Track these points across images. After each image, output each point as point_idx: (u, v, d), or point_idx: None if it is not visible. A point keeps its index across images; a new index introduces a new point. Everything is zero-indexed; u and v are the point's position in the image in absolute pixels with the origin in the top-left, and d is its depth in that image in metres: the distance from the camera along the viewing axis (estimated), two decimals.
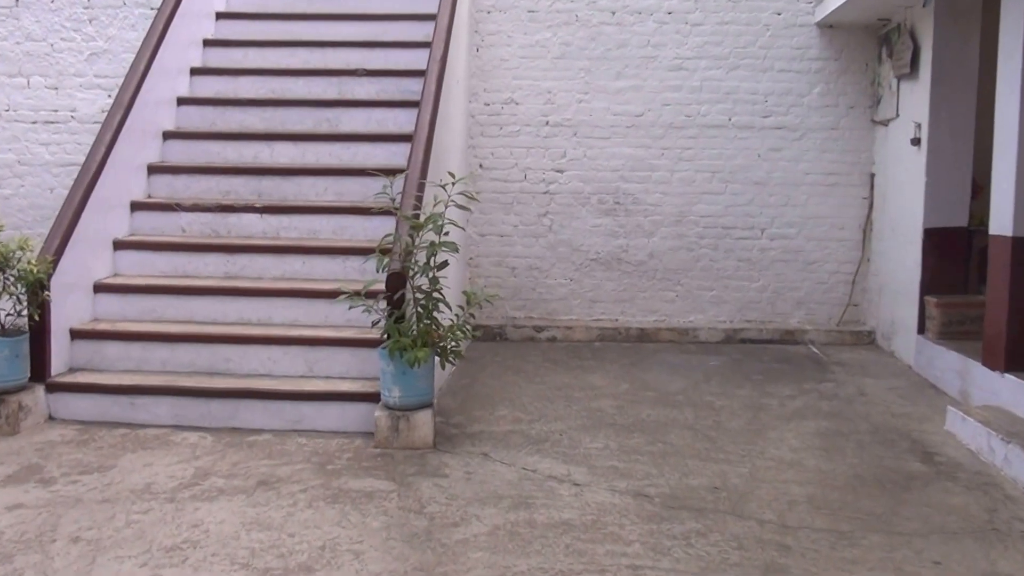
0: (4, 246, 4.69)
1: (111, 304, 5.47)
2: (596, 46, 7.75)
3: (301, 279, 5.64)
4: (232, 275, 5.69)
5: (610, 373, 6.45)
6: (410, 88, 6.84)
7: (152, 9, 7.63)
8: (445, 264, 4.74)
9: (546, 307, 7.85)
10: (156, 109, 6.33)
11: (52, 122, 7.74)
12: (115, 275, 5.70)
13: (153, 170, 6.25)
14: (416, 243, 4.74)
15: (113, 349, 5.21)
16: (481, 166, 7.81)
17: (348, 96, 6.85)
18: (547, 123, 7.81)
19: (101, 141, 5.62)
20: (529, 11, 7.75)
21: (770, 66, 7.74)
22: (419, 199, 5.06)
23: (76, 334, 5.21)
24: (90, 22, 7.73)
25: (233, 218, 5.97)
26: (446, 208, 4.71)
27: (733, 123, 7.77)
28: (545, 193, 7.83)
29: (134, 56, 6.94)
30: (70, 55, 7.73)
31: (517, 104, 7.80)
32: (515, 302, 7.83)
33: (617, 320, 7.81)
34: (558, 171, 7.82)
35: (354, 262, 5.61)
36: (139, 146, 6.09)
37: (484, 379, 6.18)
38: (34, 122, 7.74)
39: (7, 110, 7.74)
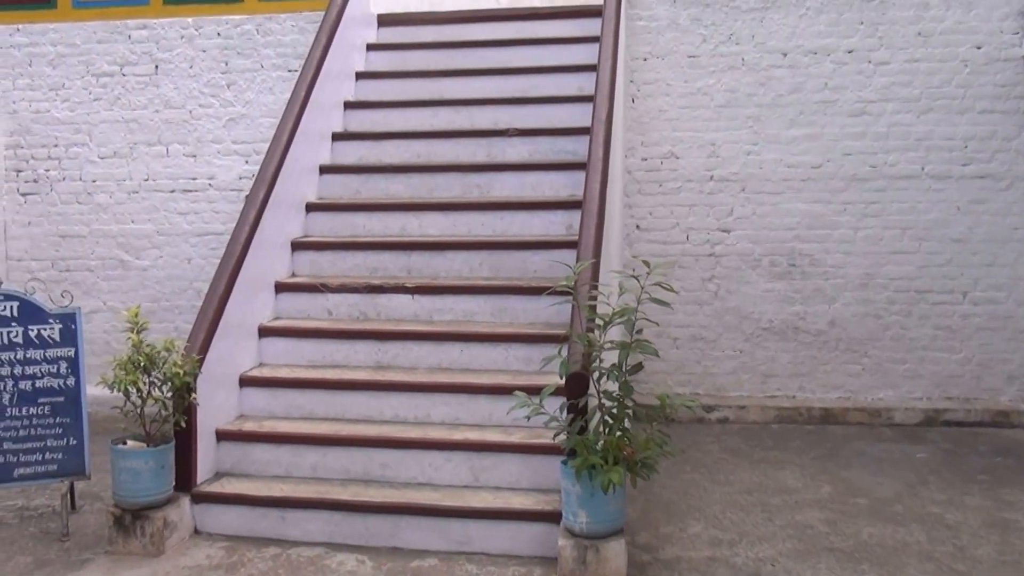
0: (151, 348, 4.28)
1: (258, 399, 5.01)
2: (765, 92, 6.99)
3: (459, 370, 5.06)
4: (384, 365, 5.16)
5: (803, 469, 5.60)
6: (566, 148, 6.24)
7: (290, 72, 7.31)
8: (639, 368, 4.05)
9: (713, 382, 7.06)
10: (299, 179, 5.92)
11: (190, 190, 7.48)
12: (260, 365, 5.26)
13: (297, 246, 5.82)
14: (601, 341, 4.08)
15: (261, 452, 4.73)
16: (638, 227, 7.13)
17: (499, 159, 6.30)
18: (711, 178, 7.07)
19: (245, 219, 5.22)
20: (690, 56, 7.06)
21: (969, 107, 6.80)
22: (595, 284, 4.42)
23: (222, 435, 4.76)
24: (228, 87, 7.46)
25: (382, 299, 5.46)
26: (638, 304, 4.03)
27: (927, 173, 6.85)
28: (710, 255, 7.07)
29: (273, 121, 6.67)
30: (208, 121, 7.48)
31: (678, 158, 7.10)
32: (678, 376, 7.08)
33: (795, 397, 6.94)
34: (724, 231, 7.06)
35: (517, 351, 5.00)
36: (283, 221, 5.68)
37: (660, 475, 5.43)
38: (172, 191, 7.50)
39: (146, 180, 7.53)
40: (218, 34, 7.47)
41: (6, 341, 4.53)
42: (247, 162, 7.40)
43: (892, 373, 6.89)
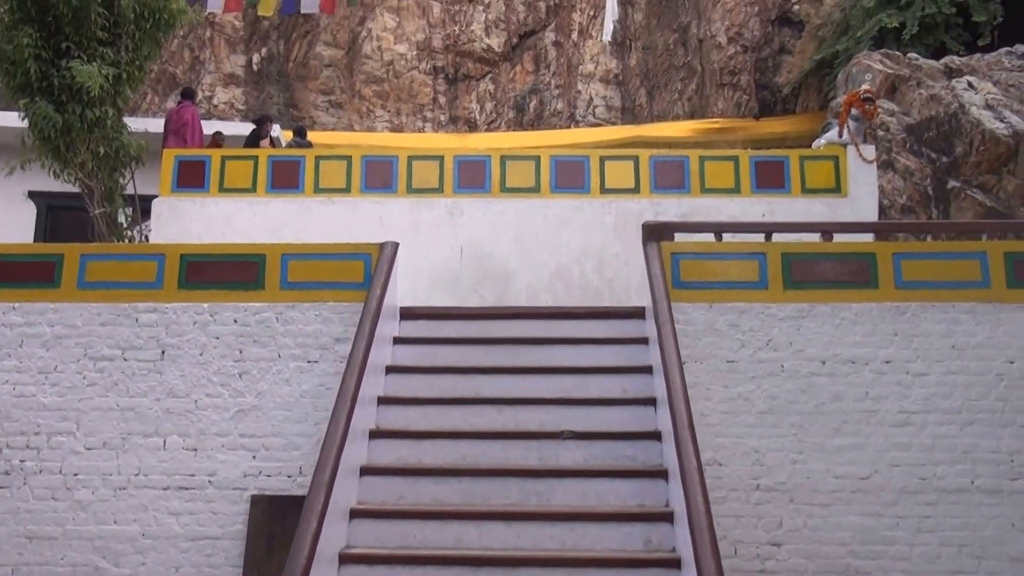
0: None
1: None
2: (807, 399, 6.87)
3: None
4: None
5: None
6: (624, 454, 5.88)
7: (309, 363, 6.91)
8: None
9: None
10: (342, 483, 5.29)
11: (187, 488, 6.68)
12: None
13: (344, 560, 5.07)
14: None
15: None
16: None
17: (552, 464, 5.85)
18: (758, 487, 6.70)
19: (306, 531, 4.51)
20: (728, 361, 6.97)
21: (1010, 420, 6.78)
22: None
23: None
24: (240, 376, 6.95)
25: None
26: None
27: (976, 487, 6.65)
28: (760, 572, 6.52)
29: (288, 414, 6.28)
30: (214, 412, 6.87)
31: (721, 465, 6.75)
32: None
33: None
34: (774, 544, 6.58)
35: None
36: (327, 531, 4.97)
37: None
38: (166, 488, 6.69)
39: (137, 474, 6.72)
40: (235, 320, 7.09)
41: None
42: (255, 458, 6.72)
43: None
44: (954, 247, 7.38)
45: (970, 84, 10.67)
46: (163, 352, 7.03)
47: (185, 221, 10.45)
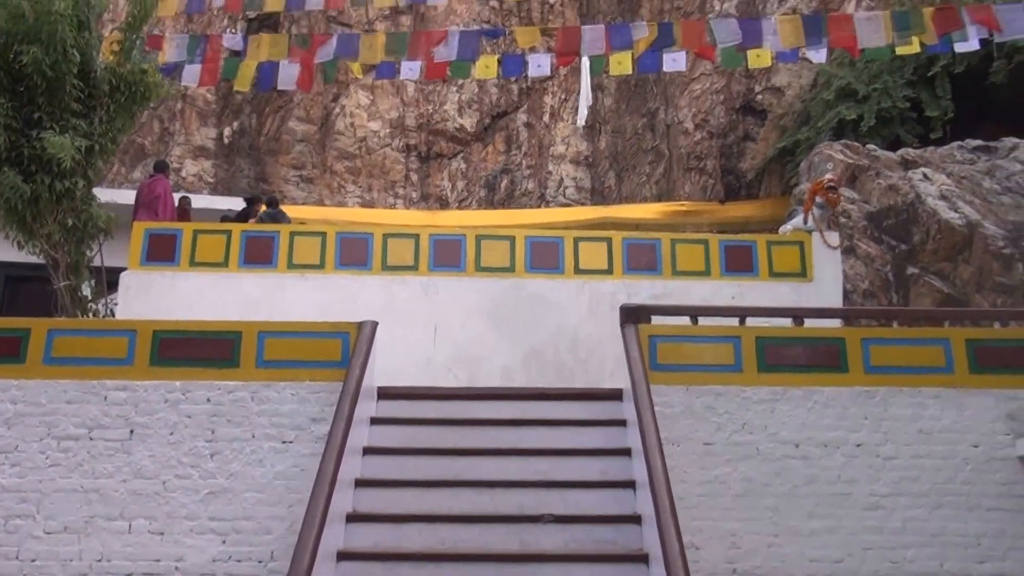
0: None
1: None
2: (782, 482, 6.92)
3: None
4: None
5: None
6: (604, 537, 5.86)
7: (284, 443, 6.82)
8: None
9: None
10: (320, 570, 5.18)
11: (152, 574, 6.48)
12: None
13: None
14: None
15: None
16: None
17: (533, 548, 5.80)
18: (734, 571, 6.69)
19: None
20: (705, 444, 7.02)
21: (976, 504, 6.88)
22: None
23: None
24: (212, 457, 6.83)
25: None
26: None
27: (946, 570, 6.71)
28: None
29: (260, 496, 6.19)
30: (183, 494, 6.71)
31: (698, 549, 6.72)
32: None
33: None
34: None
35: None
36: None
37: None
38: (129, 574, 6.48)
39: (99, 560, 6.51)
40: (207, 399, 6.99)
41: None
42: (224, 542, 6.57)
43: None
44: (919, 333, 7.58)
45: (925, 175, 11.09)
46: (132, 431, 6.90)
47: (153, 295, 10.36)
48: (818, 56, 11.52)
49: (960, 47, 10.82)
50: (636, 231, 12.30)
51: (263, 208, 12.62)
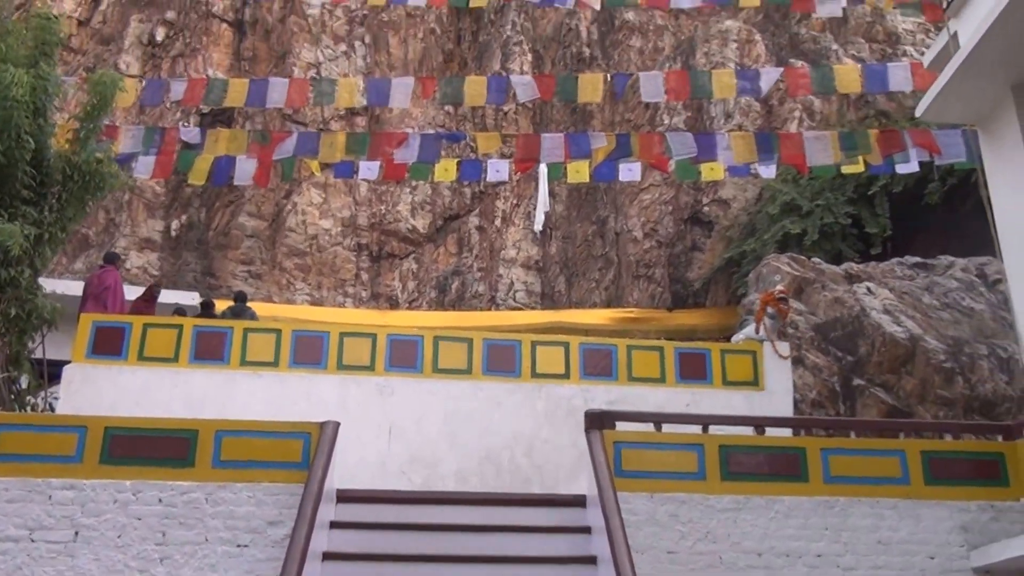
0: None
1: None
2: None
3: None
4: None
5: None
6: None
7: (239, 547, 6.57)
8: None
9: None
10: None
11: None
12: None
13: None
14: None
15: None
16: None
17: None
18: None
19: None
20: (669, 552, 6.96)
21: None
22: None
23: None
24: (161, 561, 6.52)
25: None
26: None
27: None
28: None
29: None
30: None
31: None
32: None
33: None
34: None
35: None
36: None
37: None
38: None
39: None
40: (159, 500, 6.72)
41: None
42: None
43: None
44: (876, 444, 7.75)
45: (869, 289, 11.53)
46: (77, 533, 6.58)
47: (97, 390, 10.01)
48: (767, 171, 12.04)
49: (901, 168, 11.44)
50: (588, 336, 12.42)
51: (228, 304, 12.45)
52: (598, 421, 7.26)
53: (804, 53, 16.92)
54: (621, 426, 7.63)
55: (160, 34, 20.28)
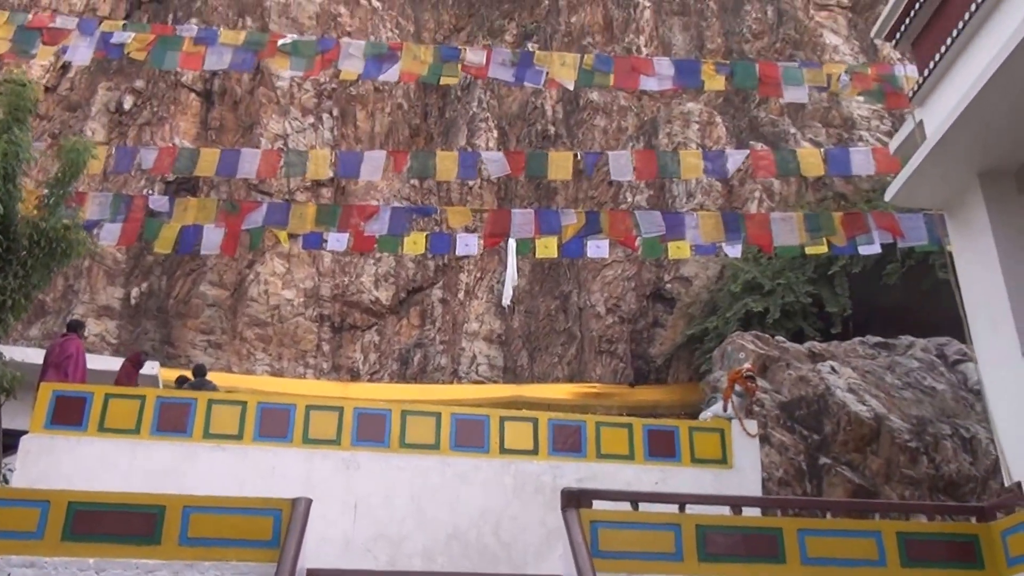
0: None
1: None
2: None
3: None
4: None
5: None
6: None
7: None
8: None
9: None
10: None
11: None
12: None
13: None
14: None
15: None
16: None
17: None
18: None
19: None
20: None
21: None
22: None
23: None
24: None
25: None
26: None
27: None
28: None
29: None
30: None
31: None
32: None
33: None
34: None
35: None
36: None
37: None
38: None
39: None
40: None
41: None
42: None
43: None
44: (852, 525, 7.76)
45: (833, 368, 11.73)
46: None
47: (55, 461, 9.67)
48: (733, 251, 12.29)
49: (864, 249, 11.75)
50: (551, 411, 12.39)
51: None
52: (575, 500, 7.19)
53: (763, 136, 17.49)
54: (596, 504, 7.57)
55: (128, 102, 20.28)
